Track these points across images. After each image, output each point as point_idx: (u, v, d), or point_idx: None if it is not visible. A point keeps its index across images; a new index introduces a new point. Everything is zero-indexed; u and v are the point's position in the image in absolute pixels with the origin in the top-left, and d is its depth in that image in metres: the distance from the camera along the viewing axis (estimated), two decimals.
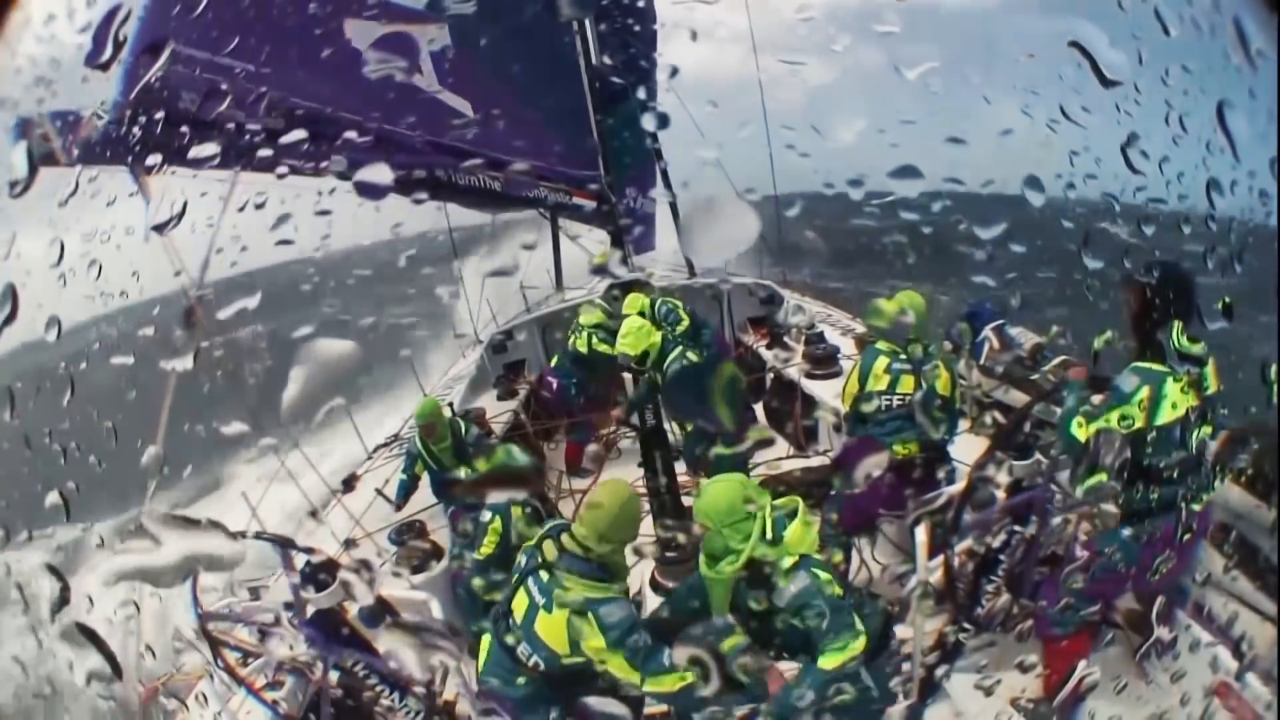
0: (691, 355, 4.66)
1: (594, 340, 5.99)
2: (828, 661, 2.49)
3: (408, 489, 5.06)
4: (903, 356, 3.93)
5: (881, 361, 3.94)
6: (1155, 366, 2.77)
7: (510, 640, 2.88)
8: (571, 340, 6.23)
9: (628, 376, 4.95)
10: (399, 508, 5.04)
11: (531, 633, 2.80)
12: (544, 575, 2.85)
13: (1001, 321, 4.51)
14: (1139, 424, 2.73)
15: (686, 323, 5.69)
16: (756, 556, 2.65)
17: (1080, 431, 2.83)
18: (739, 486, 2.73)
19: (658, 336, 4.69)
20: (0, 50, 1.88)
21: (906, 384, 3.89)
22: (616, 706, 2.84)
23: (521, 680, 2.86)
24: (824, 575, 2.62)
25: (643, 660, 2.64)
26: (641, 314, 5.31)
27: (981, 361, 4.50)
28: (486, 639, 3.02)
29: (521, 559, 3.02)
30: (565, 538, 2.90)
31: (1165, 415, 2.72)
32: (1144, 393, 2.71)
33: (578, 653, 2.72)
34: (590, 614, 2.67)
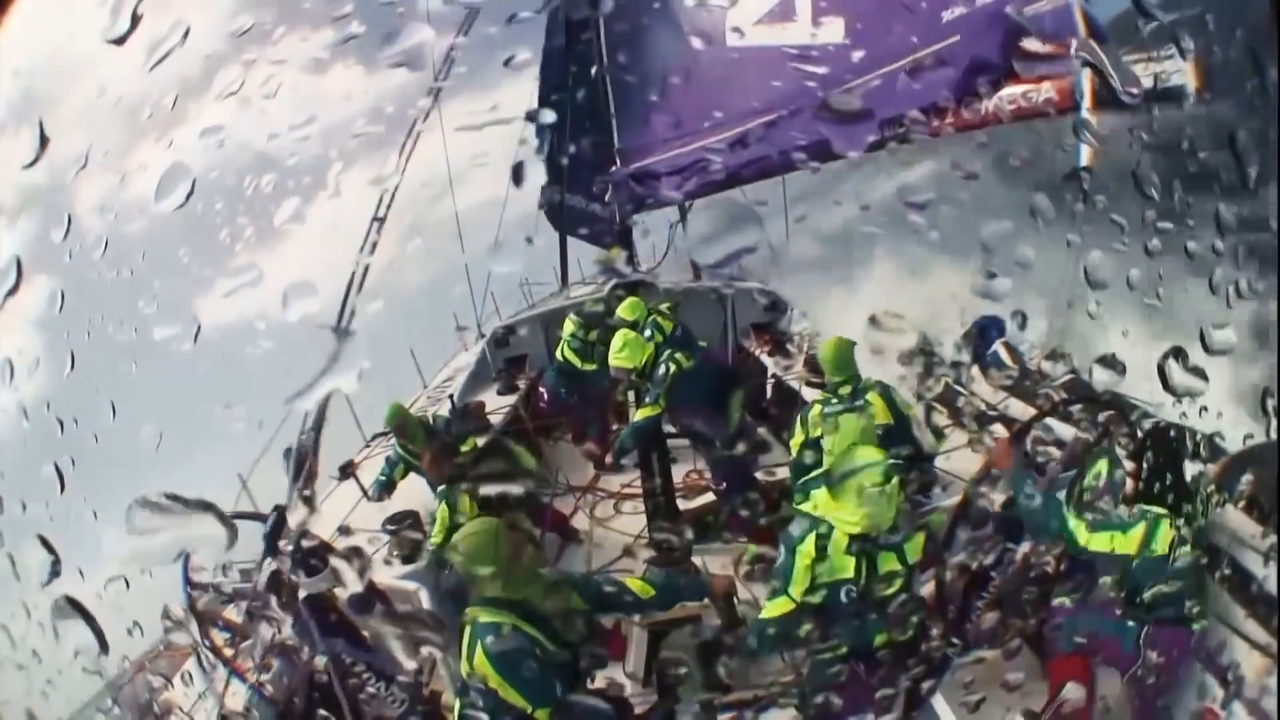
0: (680, 358, 4.61)
1: (566, 350, 6.02)
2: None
3: (383, 487, 5.01)
4: (834, 400, 4.09)
5: (815, 409, 4.13)
6: (1156, 509, 2.87)
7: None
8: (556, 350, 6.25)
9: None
10: (377, 499, 5.00)
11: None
12: None
13: (1005, 337, 4.52)
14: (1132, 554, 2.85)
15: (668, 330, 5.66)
16: None
17: (1081, 533, 2.89)
18: None
19: (651, 347, 4.66)
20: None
21: (847, 422, 4.02)
22: (601, 705, 2.84)
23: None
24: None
25: (533, 692, 2.63)
26: (635, 323, 5.31)
27: (998, 374, 4.52)
28: None
29: None
30: None
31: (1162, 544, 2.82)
32: (1139, 529, 2.82)
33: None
34: (477, 637, 2.66)
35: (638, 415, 4.69)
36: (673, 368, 4.51)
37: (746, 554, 4.22)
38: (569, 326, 6.07)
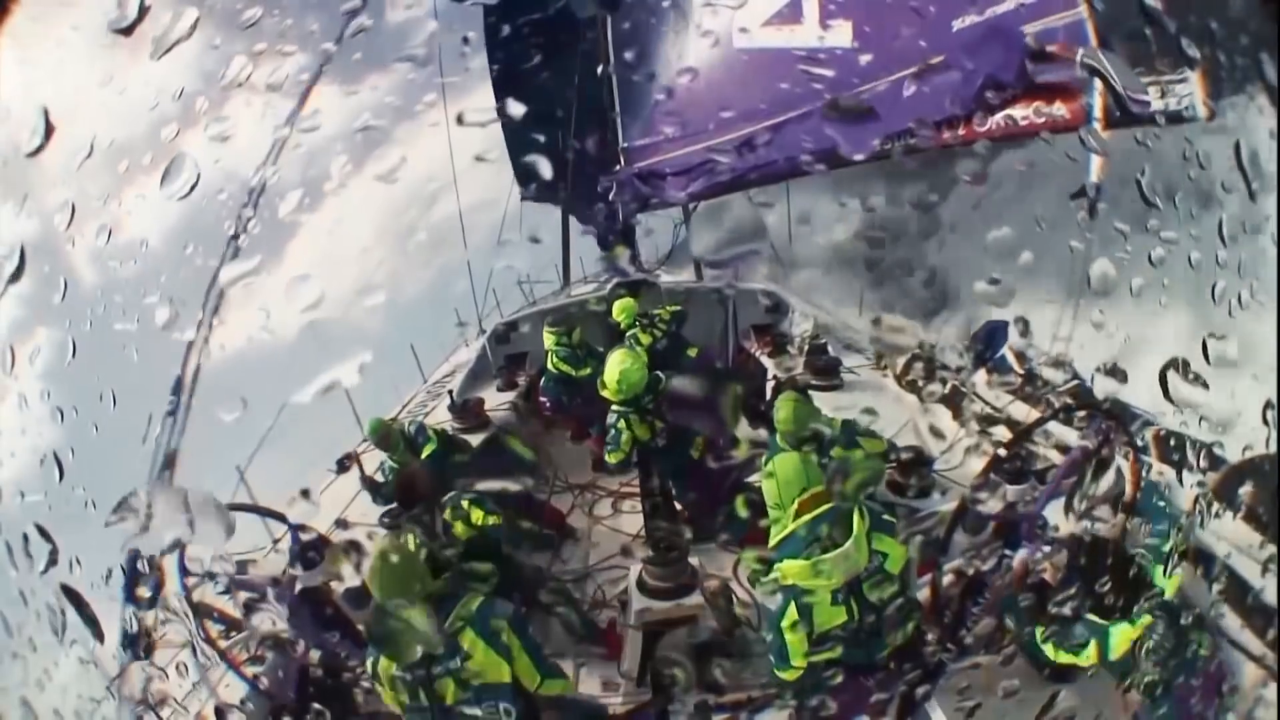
0: (634, 420, 4.54)
1: (556, 362, 6.09)
2: None
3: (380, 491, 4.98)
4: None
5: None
6: (1097, 621, 2.89)
7: None
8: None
9: None
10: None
11: None
12: None
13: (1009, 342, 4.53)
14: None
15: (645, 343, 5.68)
16: None
17: (1053, 653, 2.94)
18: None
19: (645, 372, 4.55)
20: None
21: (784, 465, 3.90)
22: (594, 703, 2.84)
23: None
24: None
25: (544, 662, 2.67)
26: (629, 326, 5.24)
27: (1000, 379, 4.51)
28: None
29: None
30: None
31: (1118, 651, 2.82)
32: (1092, 647, 2.85)
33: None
34: (483, 620, 2.63)
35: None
36: (623, 428, 4.41)
37: (745, 557, 4.22)
38: (550, 340, 6.14)
